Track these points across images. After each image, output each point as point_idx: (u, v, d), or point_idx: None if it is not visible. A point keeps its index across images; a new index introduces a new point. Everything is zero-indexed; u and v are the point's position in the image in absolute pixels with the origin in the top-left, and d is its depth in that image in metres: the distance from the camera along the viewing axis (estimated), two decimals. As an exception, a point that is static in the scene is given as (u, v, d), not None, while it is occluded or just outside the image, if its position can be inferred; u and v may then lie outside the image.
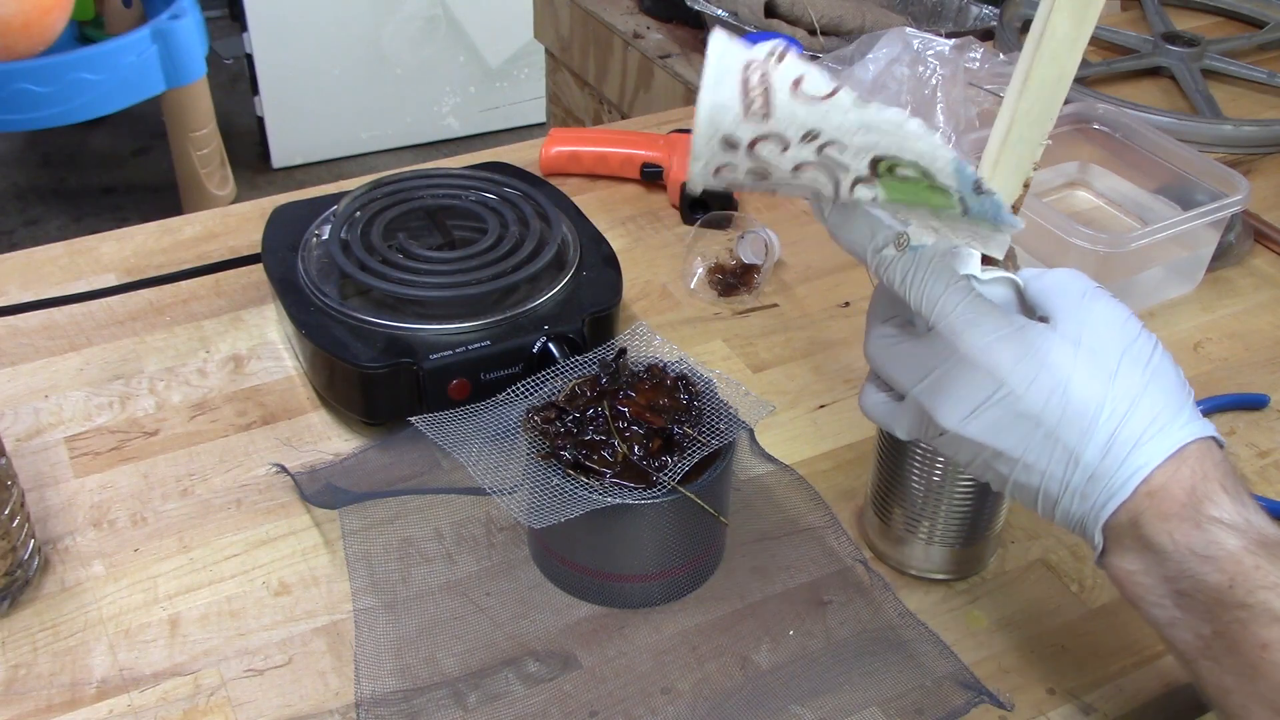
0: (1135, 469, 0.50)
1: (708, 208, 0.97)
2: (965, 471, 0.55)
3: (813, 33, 1.25)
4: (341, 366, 0.74)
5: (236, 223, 0.96)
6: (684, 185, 0.98)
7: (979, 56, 1.03)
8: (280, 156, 2.70)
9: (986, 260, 0.57)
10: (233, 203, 2.21)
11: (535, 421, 0.65)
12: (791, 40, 1.02)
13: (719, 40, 0.44)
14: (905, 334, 0.56)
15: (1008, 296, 0.56)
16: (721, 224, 0.95)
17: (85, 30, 2.27)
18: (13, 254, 0.91)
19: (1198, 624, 0.50)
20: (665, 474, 0.63)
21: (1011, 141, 0.55)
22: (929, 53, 1.02)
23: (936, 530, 0.66)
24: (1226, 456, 0.52)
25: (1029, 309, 0.56)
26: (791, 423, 0.79)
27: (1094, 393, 0.51)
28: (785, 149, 0.47)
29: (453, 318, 0.75)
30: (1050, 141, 0.56)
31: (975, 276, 0.55)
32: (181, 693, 0.62)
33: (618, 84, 1.45)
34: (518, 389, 0.68)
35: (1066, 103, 0.66)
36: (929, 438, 0.56)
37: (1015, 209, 0.56)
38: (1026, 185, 0.57)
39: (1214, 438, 0.52)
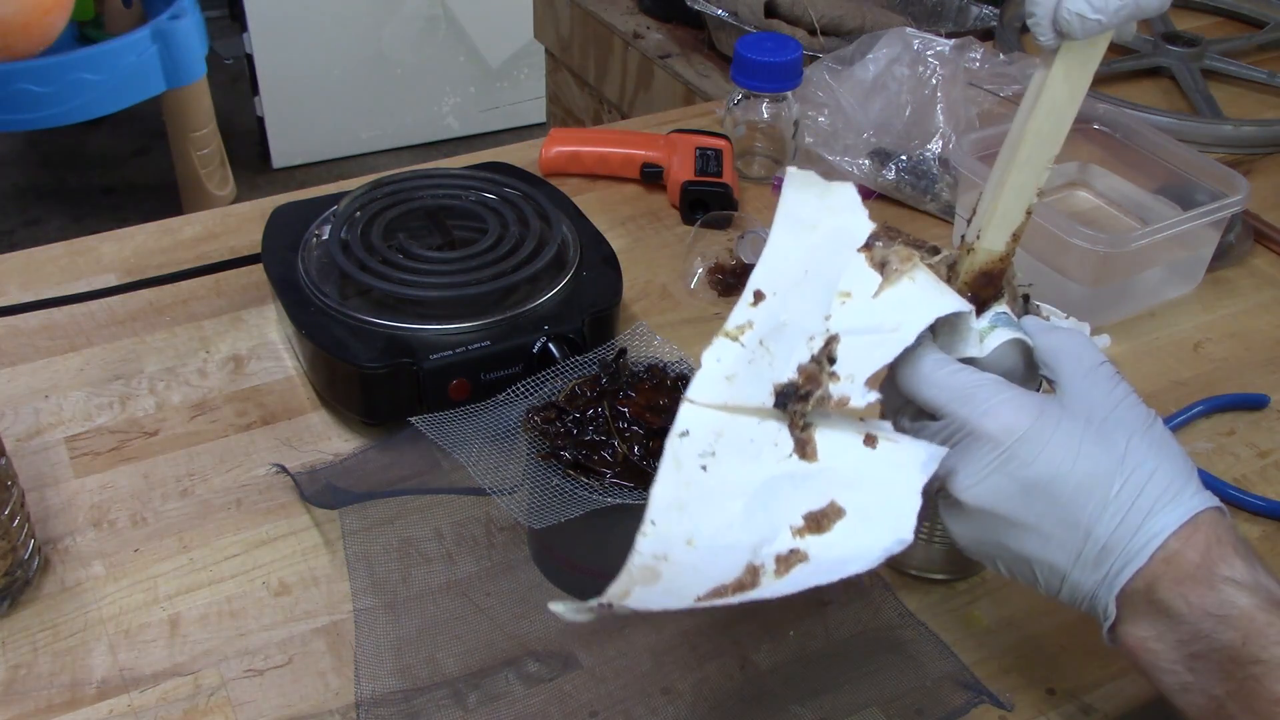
0: (1151, 536, 0.50)
1: (708, 208, 0.97)
2: (970, 554, 0.56)
3: (813, 33, 1.25)
4: (341, 366, 0.74)
5: (236, 223, 0.96)
6: (684, 185, 0.98)
7: (979, 56, 1.03)
8: (280, 156, 2.70)
9: (983, 289, 0.58)
10: (233, 203, 2.21)
11: (535, 422, 0.65)
12: (791, 41, 1.02)
13: None
14: (921, 420, 0.56)
15: (1016, 360, 0.56)
16: (721, 224, 0.95)
17: (85, 30, 2.27)
18: (13, 254, 0.92)
19: (1211, 685, 0.50)
20: (665, 474, 0.62)
21: (1019, 162, 0.57)
22: (929, 53, 1.02)
23: (936, 530, 0.66)
24: (1234, 525, 0.52)
25: (1035, 367, 0.56)
26: (791, 423, 0.79)
27: (1105, 467, 0.51)
28: None
29: (453, 318, 0.75)
30: (1053, 167, 0.58)
31: (975, 356, 0.56)
32: (181, 693, 0.62)
33: (618, 84, 1.45)
34: (518, 389, 0.68)
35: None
36: (943, 518, 0.56)
37: (1017, 236, 0.58)
38: (1028, 213, 0.58)
39: (1220, 508, 0.52)
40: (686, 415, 0.55)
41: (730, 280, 0.90)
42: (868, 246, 0.57)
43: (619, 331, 0.79)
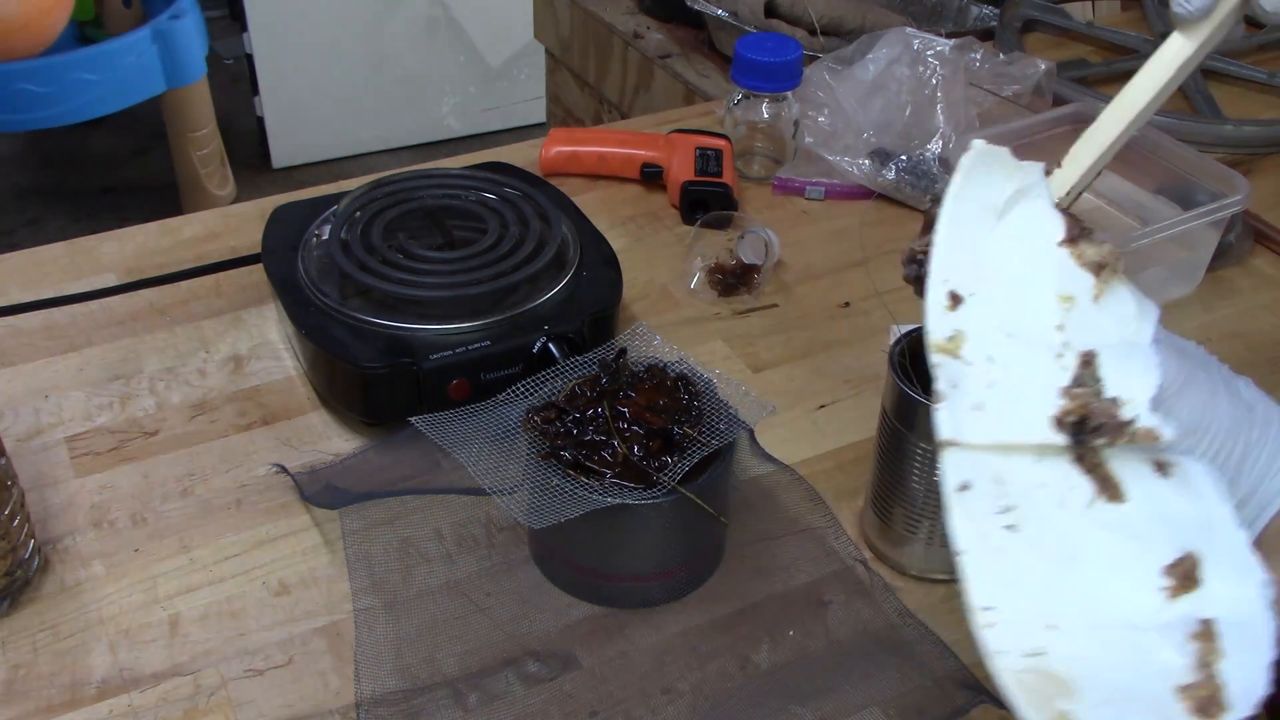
0: None
1: (708, 208, 0.97)
2: None
3: (813, 33, 1.25)
4: (341, 366, 0.74)
5: (236, 223, 0.96)
6: (684, 185, 0.98)
7: (979, 56, 1.03)
8: (280, 156, 2.70)
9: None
10: (233, 203, 2.21)
11: (535, 421, 0.65)
12: (791, 41, 1.02)
13: None
14: None
15: None
16: (721, 224, 0.95)
17: (85, 30, 2.27)
18: (13, 254, 0.92)
19: None
20: (665, 474, 0.63)
21: (1131, 124, 0.55)
22: (929, 53, 1.02)
23: (937, 530, 0.66)
24: None
25: None
26: (791, 423, 0.79)
27: (1241, 414, 0.51)
28: None
29: (453, 318, 0.75)
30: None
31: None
32: (181, 693, 0.62)
33: (618, 84, 1.46)
34: (518, 389, 0.68)
35: (1066, 103, 0.66)
36: None
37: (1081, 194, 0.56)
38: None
39: None
40: (958, 463, 0.46)
41: (730, 280, 0.90)
42: (1071, 240, 0.51)
43: (619, 331, 0.79)
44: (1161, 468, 0.48)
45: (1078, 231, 0.52)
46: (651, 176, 1.01)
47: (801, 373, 0.84)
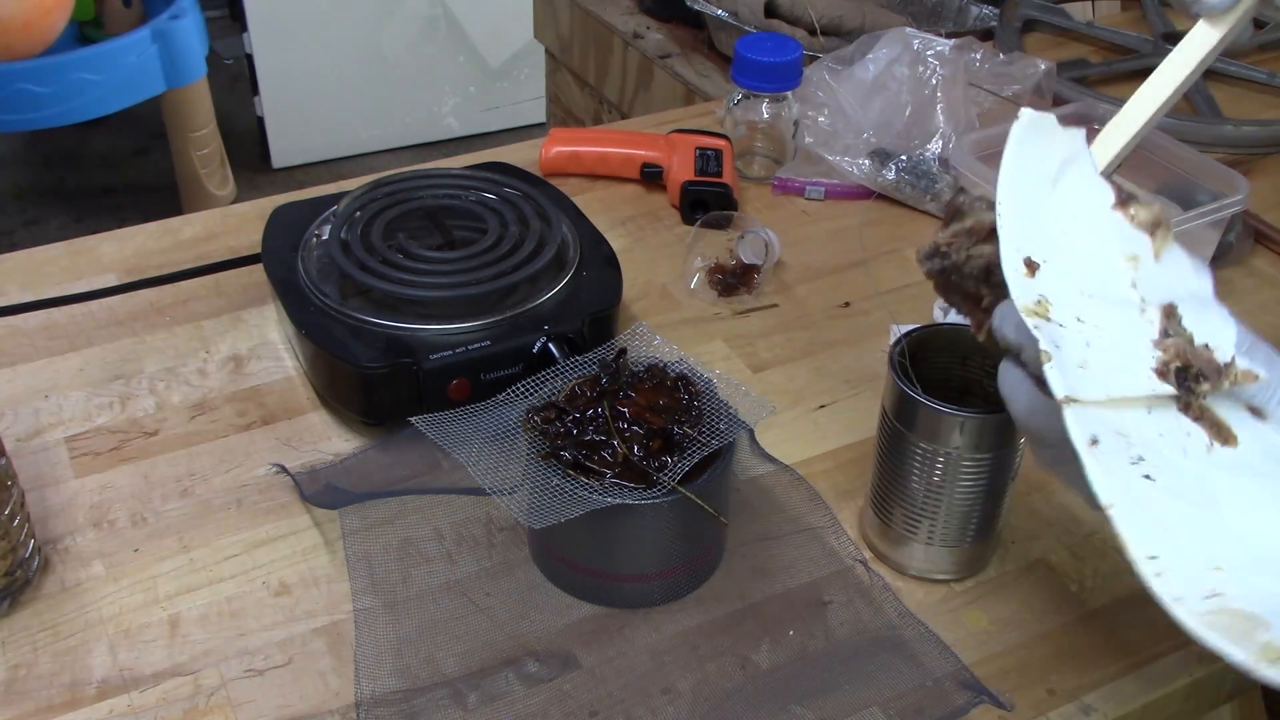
0: None
1: (708, 208, 0.97)
2: None
3: (813, 33, 1.25)
4: (341, 366, 0.74)
5: (236, 223, 0.96)
6: (684, 185, 0.98)
7: (979, 56, 1.03)
8: (280, 156, 2.70)
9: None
10: (233, 203, 2.21)
11: (535, 421, 0.65)
12: (791, 41, 1.02)
13: None
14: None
15: None
16: (721, 224, 0.95)
17: (85, 30, 2.27)
18: (13, 254, 0.92)
19: None
20: (665, 474, 0.63)
21: (1160, 109, 0.59)
22: (929, 53, 1.02)
23: (937, 530, 0.66)
24: None
25: None
26: (791, 423, 0.79)
27: None
28: None
29: (453, 318, 0.75)
30: None
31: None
32: (181, 693, 0.62)
33: (618, 84, 1.46)
34: (518, 389, 0.68)
35: (1066, 103, 0.66)
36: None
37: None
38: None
39: None
40: (1082, 419, 0.46)
41: (730, 280, 0.90)
42: (1123, 204, 0.53)
43: (619, 331, 0.79)
44: (1255, 412, 0.49)
45: (1126, 195, 0.53)
46: (651, 176, 1.01)
47: (801, 373, 0.84)
